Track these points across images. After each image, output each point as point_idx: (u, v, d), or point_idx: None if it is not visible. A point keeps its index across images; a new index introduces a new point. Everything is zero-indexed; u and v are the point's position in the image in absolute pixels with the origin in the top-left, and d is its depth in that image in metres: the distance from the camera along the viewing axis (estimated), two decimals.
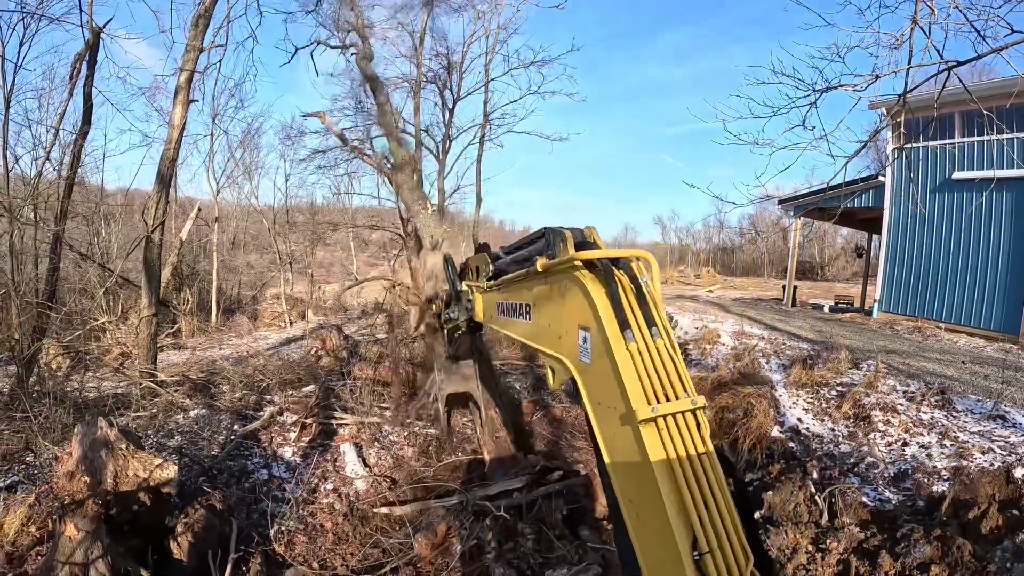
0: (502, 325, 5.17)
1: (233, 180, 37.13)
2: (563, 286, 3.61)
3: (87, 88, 15.01)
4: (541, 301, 4.08)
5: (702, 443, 2.92)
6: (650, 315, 3.18)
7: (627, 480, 3.08)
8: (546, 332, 3.94)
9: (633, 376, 2.97)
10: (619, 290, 3.22)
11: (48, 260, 15.10)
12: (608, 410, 3.15)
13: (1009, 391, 11.92)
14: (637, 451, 2.91)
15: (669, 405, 2.92)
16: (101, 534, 5.81)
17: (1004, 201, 20.45)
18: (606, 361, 3.11)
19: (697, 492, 2.80)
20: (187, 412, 10.33)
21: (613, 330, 3.09)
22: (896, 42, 7.14)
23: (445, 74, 26.23)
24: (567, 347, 3.58)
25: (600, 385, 3.22)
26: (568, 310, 3.55)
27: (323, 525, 7.79)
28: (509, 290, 4.96)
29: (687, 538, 2.74)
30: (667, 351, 3.10)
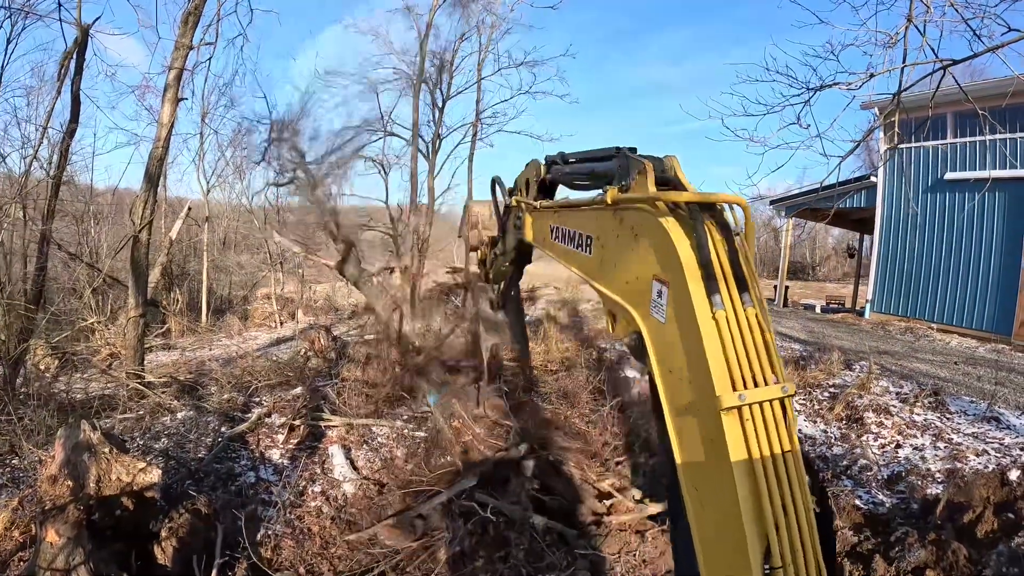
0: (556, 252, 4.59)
1: (224, 179, 36.99)
2: (638, 227, 3.09)
3: (75, 86, 14.89)
4: (607, 236, 3.52)
5: (788, 439, 2.52)
6: (742, 277, 2.70)
7: (695, 466, 2.71)
8: (610, 273, 3.44)
9: (718, 352, 2.52)
10: (709, 244, 2.71)
11: (35, 260, 14.99)
12: (681, 382, 2.74)
13: (1002, 392, 11.92)
14: (712, 439, 2.54)
15: (757, 392, 2.49)
16: (83, 539, 5.71)
17: (996, 201, 20.51)
18: (685, 326, 2.67)
19: (777, 497, 2.43)
20: (174, 414, 10.22)
21: (698, 292, 2.60)
22: (891, 40, 7.10)
23: (436, 72, 26.17)
24: (636, 296, 3.09)
25: (675, 351, 2.77)
26: (642, 256, 3.04)
27: (310, 529, 7.68)
28: (567, 214, 4.42)
29: (760, 548, 2.40)
30: (758, 323, 2.64)
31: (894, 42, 7.10)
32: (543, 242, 5.03)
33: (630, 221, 3.17)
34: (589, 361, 14.52)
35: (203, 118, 29.90)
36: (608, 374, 13.09)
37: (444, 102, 26.51)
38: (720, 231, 2.80)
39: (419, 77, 24.35)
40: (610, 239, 3.46)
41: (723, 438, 2.45)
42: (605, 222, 3.52)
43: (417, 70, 24.45)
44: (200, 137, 30.70)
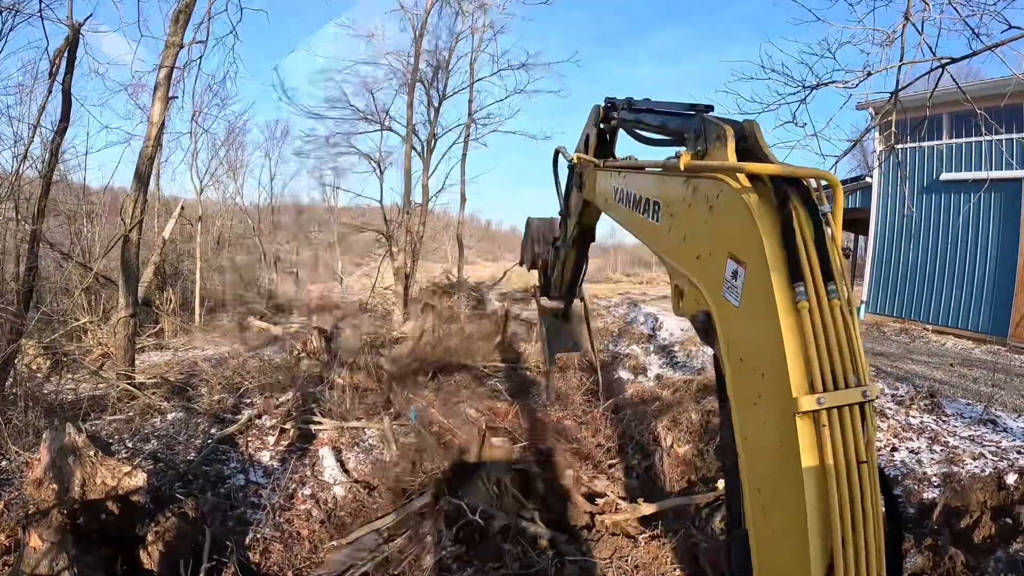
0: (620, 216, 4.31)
1: (217, 179, 36.88)
2: (714, 199, 2.82)
3: (66, 84, 14.77)
4: (676, 204, 3.26)
5: (865, 448, 2.31)
6: (829, 265, 2.44)
7: (760, 468, 2.54)
8: (679, 245, 3.19)
9: (798, 348, 2.33)
10: (795, 225, 2.46)
11: (26, 259, 14.87)
12: (753, 374, 2.54)
13: (999, 394, 11.86)
14: (783, 441, 2.35)
15: (838, 395, 2.29)
16: (67, 544, 5.63)
17: (992, 202, 20.46)
18: (763, 315, 2.45)
19: (847, 511, 2.23)
20: (164, 415, 10.15)
21: (781, 280, 2.38)
22: (888, 39, 7.02)
23: (431, 72, 26.12)
24: (707, 273, 2.87)
25: (749, 340, 2.60)
26: (717, 231, 2.80)
27: (300, 532, 7.60)
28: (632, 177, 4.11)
29: (823, 562, 2.23)
30: (843, 318, 2.40)
31: (891, 40, 7.03)
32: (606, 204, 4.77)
33: (705, 191, 2.91)
34: (582, 363, 14.47)
35: (194, 117, 29.79)
36: (601, 376, 13.05)
37: (440, 101, 26.46)
38: (807, 211, 2.54)
39: (413, 76, 24.28)
40: (680, 208, 3.20)
41: (796, 442, 2.29)
42: (676, 189, 3.26)
43: (411, 70, 24.40)
44: (192, 136, 30.60)
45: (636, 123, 4.47)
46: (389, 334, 16.86)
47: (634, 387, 12.91)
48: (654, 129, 4.20)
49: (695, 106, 3.68)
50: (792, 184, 2.57)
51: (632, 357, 15.26)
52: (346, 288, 33.57)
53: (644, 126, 4.35)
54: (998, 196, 20.21)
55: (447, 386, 12.28)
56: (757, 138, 2.94)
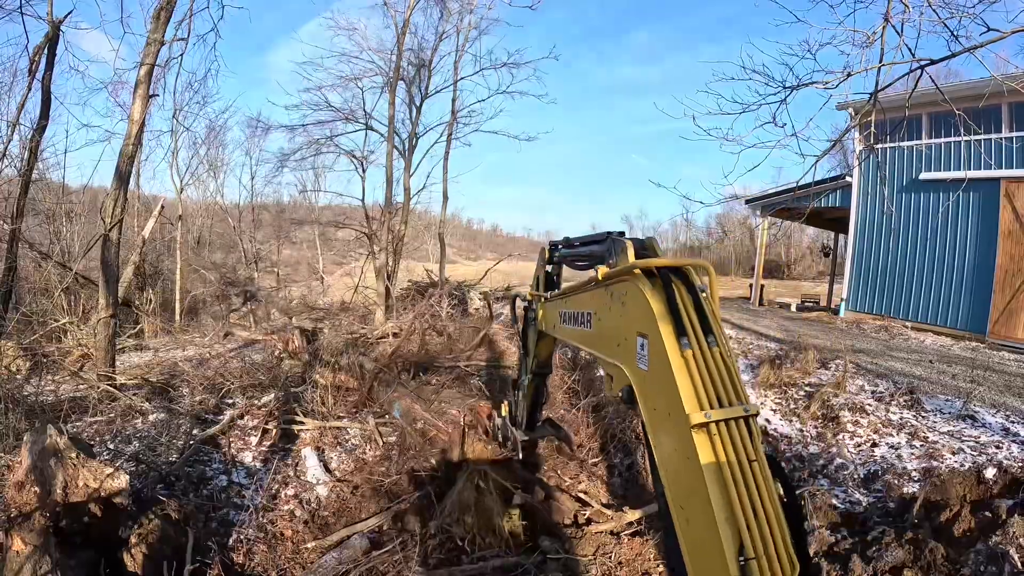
0: (567, 335, 5.16)
1: (198, 177, 36.72)
2: (623, 294, 3.63)
3: (45, 82, 14.69)
4: (601, 309, 4.06)
5: (753, 450, 2.88)
6: (707, 323, 3.16)
7: (678, 486, 3.06)
8: (605, 339, 3.94)
9: (687, 382, 2.97)
10: (677, 297, 3.21)
11: (5, 259, 14.74)
12: (662, 416, 3.16)
13: (978, 391, 11.97)
14: (688, 456, 2.91)
15: (722, 411, 2.90)
16: (50, 548, 5.59)
17: (971, 201, 20.68)
18: (662, 367, 3.10)
19: (746, 498, 2.74)
20: (146, 416, 10.06)
21: (670, 337, 3.08)
22: (868, 40, 7.08)
23: (414, 71, 26.05)
24: (625, 354, 3.57)
25: (655, 391, 3.21)
26: (627, 318, 3.57)
27: (283, 533, 7.58)
28: (571, 298, 4.94)
29: (734, 544, 2.70)
30: (722, 359, 3.08)
31: (871, 41, 7.09)
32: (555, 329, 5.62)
33: (618, 292, 3.69)
34: (564, 361, 14.49)
35: (175, 115, 29.62)
36: (583, 374, 13.06)
37: (422, 100, 26.41)
38: (687, 288, 3.29)
39: (395, 74, 24.23)
40: (604, 311, 3.97)
41: (696, 452, 2.83)
42: (600, 298, 4.03)
43: (393, 67, 24.33)
44: (173, 134, 30.44)
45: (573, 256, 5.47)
46: (371, 333, 16.79)
47: None
48: (584, 257, 5.11)
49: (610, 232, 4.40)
50: (675, 272, 3.36)
51: None
52: (328, 287, 33.47)
53: (577, 257, 5.31)
54: (976, 195, 20.43)
55: (430, 384, 12.25)
56: (654, 247, 3.94)
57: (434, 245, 33.46)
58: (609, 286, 3.84)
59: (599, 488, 9.09)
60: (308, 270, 40.46)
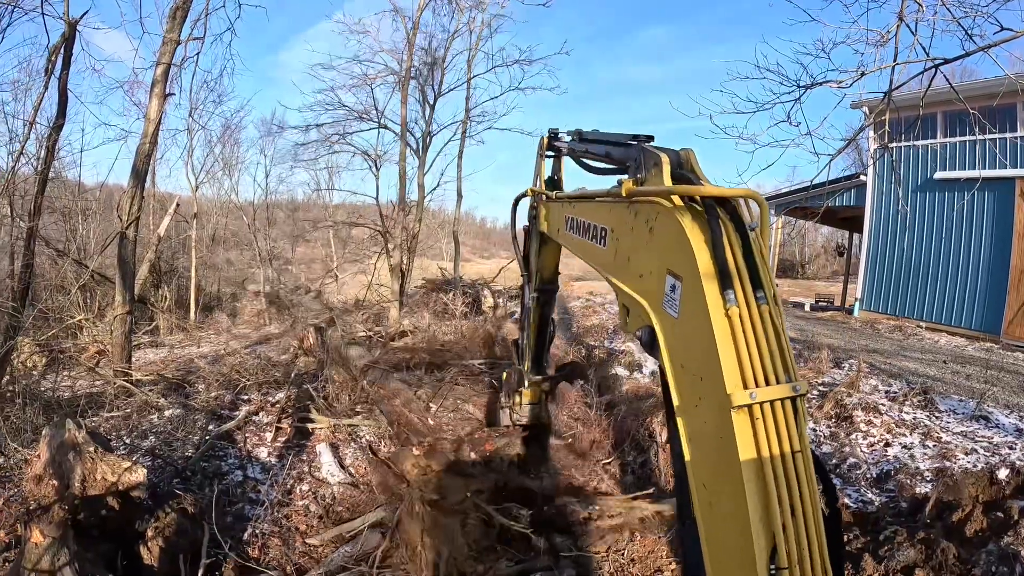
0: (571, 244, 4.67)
1: (213, 176, 36.90)
2: (652, 220, 3.12)
3: (62, 81, 14.77)
4: (622, 229, 3.56)
5: (798, 439, 2.53)
6: (756, 274, 2.68)
7: (704, 464, 2.72)
8: (624, 266, 3.48)
9: (730, 349, 2.54)
10: (723, 238, 2.71)
11: (22, 256, 14.87)
12: (692, 378, 2.76)
13: (991, 391, 11.93)
14: (722, 437, 2.54)
15: (769, 391, 2.50)
16: (68, 540, 5.65)
17: (986, 201, 20.57)
18: (698, 322, 2.67)
19: (785, 497, 2.43)
20: (161, 412, 10.15)
21: (712, 288, 2.61)
22: (882, 39, 7.08)
23: (427, 70, 26.10)
24: (649, 290, 3.11)
25: (687, 347, 2.80)
26: (656, 249, 3.08)
27: (298, 528, 7.64)
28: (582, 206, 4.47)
29: (766, 548, 2.41)
30: (771, 321, 2.63)
31: (885, 40, 7.09)
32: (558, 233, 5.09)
33: (645, 215, 3.20)
34: (577, 358, 14.50)
35: (191, 114, 29.78)
36: (596, 372, 13.08)
37: (435, 99, 26.45)
38: (735, 227, 2.78)
39: (407, 74, 24.28)
40: (625, 232, 3.49)
41: (733, 436, 2.46)
42: (620, 215, 3.54)
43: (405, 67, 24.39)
44: (188, 133, 30.60)
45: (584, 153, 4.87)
46: (385, 331, 16.86)
47: (629, 383, 12.95)
48: (600, 158, 4.57)
49: (636, 136, 3.89)
50: (722, 204, 2.83)
51: (627, 354, 15.29)
52: (342, 285, 33.56)
53: (591, 156, 4.73)
54: (991, 195, 20.33)
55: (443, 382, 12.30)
56: (692, 165, 3.23)
57: (448, 243, 33.50)
58: (634, 205, 3.35)
59: (612, 486, 9.11)
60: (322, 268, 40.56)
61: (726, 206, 2.83)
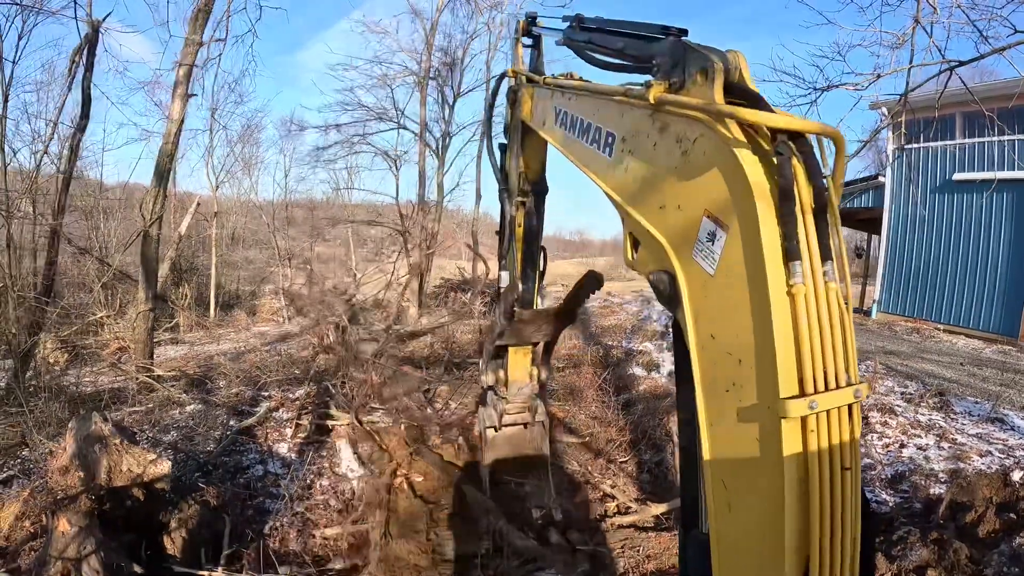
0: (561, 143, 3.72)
1: (232, 175, 37.19)
2: (689, 143, 2.36)
3: (85, 82, 15.02)
4: (638, 141, 2.73)
5: (850, 451, 2.06)
6: (827, 242, 2.07)
7: (728, 461, 2.22)
8: (636, 188, 2.70)
9: (790, 341, 1.98)
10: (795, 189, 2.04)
11: (46, 254, 15.10)
12: (727, 358, 2.17)
13: (1007, 394, 11.91)
14: (762, 442, 2.07)
15: (829, 397, 1.99)
16: (94, 529, 5.77)
17: (1004, 202, 20.45)
18: (746, 292, 2.07)
19: (827, 520, 2.00)
20: (183, 407, 10.30)
21: (774, 257, 1.99)
22: (898, 41, 7.13)
23: (447, 70, 26.22)
24: (674, 228, 2.43)
25: (723, 316, 2.19)
26: (692, 181, 2.34)
27: (317, 522, 7.75)
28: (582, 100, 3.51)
29: (797, 567, 2.02)
30: (838, 304, 2.07)
31: (901, 43, 7.14)
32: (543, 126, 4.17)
33: (677, 131, 2.44)
34: (595, 358, 14.54)
35: (212, 114, 30.04)
36: (614, 371, 13.12)
37: (455, 99, 26.57)
38: (808, 175, 2.12)
39: (425, 74, 24.41)
40: (641, 145, 2.70)
41: (778, 444, 1.99)
42: (637, 122, 2.74)
43: (424, 67, 24.53)
44: (209, 133, 30.86)
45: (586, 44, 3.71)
46: (404, 330, 16.97)
47: (647, 383, 13.01)
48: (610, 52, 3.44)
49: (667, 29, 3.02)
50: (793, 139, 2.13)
51: (645, 354, 15.34)
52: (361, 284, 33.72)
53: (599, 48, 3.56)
54: (1010, 196, 20.22)
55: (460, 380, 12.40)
56: (743, 74, 2.39)
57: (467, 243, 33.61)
58: (662, 115, 2.55)
59: (628, 483, 9.17)
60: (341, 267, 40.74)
61: (800, 143, 2.14)
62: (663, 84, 2.54)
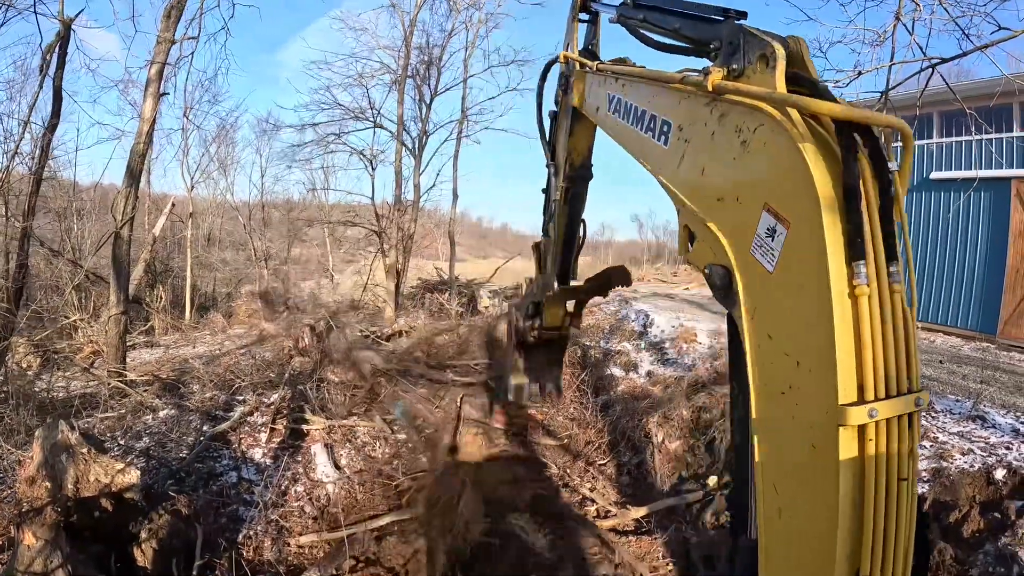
0: (614, 130, 3.65)
1: (208, 175, 36.88)
2: (749, 132, 2.30)
3: (56, 81, 14.74)
4: (695, 130, 2.69)
5: (908, 462, 2.01)
6: (893, 242, 2.04)
7: (781, 466, 2.20)
8: (694, 178, 2.67)
9: (851, 345, 1.93)
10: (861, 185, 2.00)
11: (16, 256, 14.83)
12: (784, 359, 2.14)
13: (988, 391, 11.92)
14: (817, 448, 2.03)
15: (890, 405, 1.95)
16: (61, 542, 5.62)
17: (982, 201, 20.56)
18: (807, 291, 2.04)
19: (881, 531, 1.97)
20: (156, 413, 10.11)
21: (838, 256, 1.95)
22: (879, 39, 7.08)
23: (424, 68, 26.07)
24: (732, 221, 2.40)
25: (782, 316, 2.18)
26: (752, 173, 2.30)
27: (292, 529, 7.61)
28: (636, 86, 3.42)
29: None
30: (902, 309, 2.04)
31: (882, 40, 7.09)
32: (597, 113, 4.10)
33: (737, 121, 2.38)
34: (573, 359, 14.46)
35: (186, 113, 29.73)
36: (592, 372, 13.05)
37: (432, 98, 26.41)
38: (874, 171, 2.09)
39: (403, 72, 24.26)
40: (699, 134, 2.65)
41: (834, 452, 1.96)
42: (694, 110, 2.69)
43: (402, 65, 24.38)
44: (183, 132, 30.56)
45: (642, 22, 3.56)
46: (381, 331, 16.82)
47: (625, 383, 12.93)
48: (666, 32, 3.35)
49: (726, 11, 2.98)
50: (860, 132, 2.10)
51: (623, 354, 15.28)
52: (337, 285, 33.51)
53: (654, 27, 3.45)
54: (987, 195, 20.31)
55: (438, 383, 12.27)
56: (806, 62, 2.39)
57: (444, 243, 33.48)
58: (721, 103, 2.50)
59: (607, 485, 9.09)
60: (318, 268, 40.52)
61: (867, 135, 2.12)
62: (722, 71, 2.50)
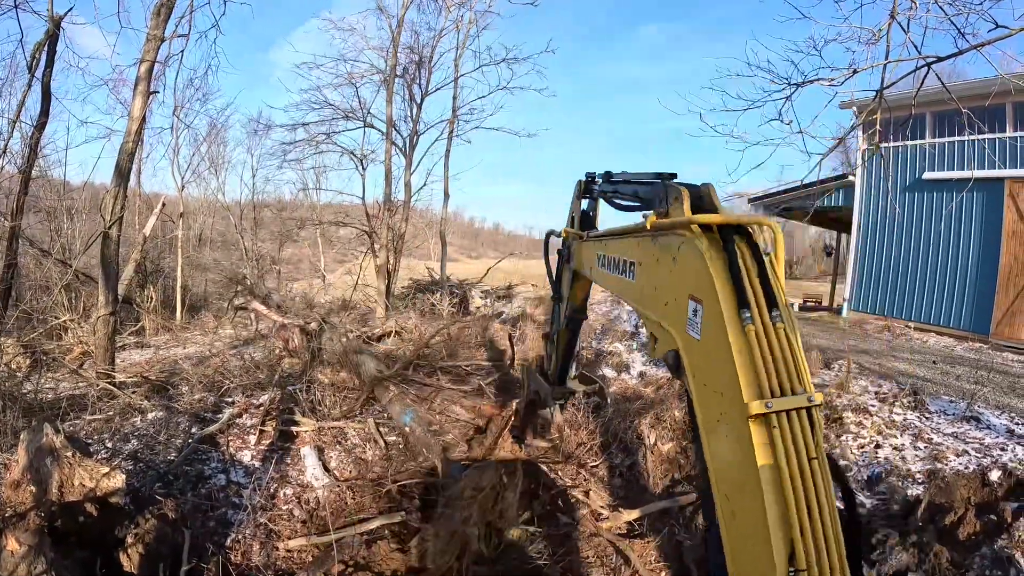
0: (603, 280, 4.81)
1: (199, 175, 36.75)
2: (675, 250, 3.24)
3: (45, 79, 14.64)
4: (647, 261, 3.69)
5: (815, 447, 2.60)
6: (772, 295, 2.82)
7: (726, 476, 2.80)
8: (650, 295, 3.60)
9: (747, 363, 2.67)
10: (739, 261, 2.86)
11: (5, 256, 14.71)
12: (713, 394, 2.86)
13: (981, 392, 11.91)
14: (740, 447, 2.65)
15: (784, 401, 2.60)
16: (45, 548, 5.53)
17: (975, 201, 20.62)
18: (718, 341, 2.80)
19: (803, 501, 2.49)
20: (144, 415, 10.00)
21: (730, 308, 2.77)
22: (874, 37, 7.03)
23: (414, 68, 25.98)
24: (673, 316, 3.25)
25: (708, 366, 2.92)
26: (678, 277, 3.21)
27: (281, 533, 7.52)
28: (611, 243, 4.57)
29: (784, 551, 2.47)
30: (787, 338, 2.76)
31: (877, 39, 7.04)
32: (591, 271, 5.25)
33: (669, 246, 3.31)
34: None
35: (176, 112, 29.60)
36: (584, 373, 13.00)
37: (423, 97, 26.32)
38: (751, 252, 2.92)
39: (392, 72, 24.18)
40: (651, 264, 3.62)
41: (751, 444, 2.57)
42: (646, 248, 3.67)
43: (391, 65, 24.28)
44: (173, 131, 30.44)
45: (614, 193, 5.12)
46: (372, 332, 16.74)
47: (617, 384, 12.89)
48: (628, 197, 4.79)
49: (660, 174, 4.12)
50: (738, 231, 2.99)
51: (615, 354, 15.24)
52: (328, 285, 33.44)
53: (620, 195, 4.97)
54: (980, 195, 20.38)
55: (429, 385, 12.20)
56: (712, 197, 3.38)
57: (435, 243, 33.37)
58: (658, 238, 3.49)
59: (599, 489, 9.02)
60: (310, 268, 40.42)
61: (742, 232, 3.00)
62: (655, 214, 3.57)
